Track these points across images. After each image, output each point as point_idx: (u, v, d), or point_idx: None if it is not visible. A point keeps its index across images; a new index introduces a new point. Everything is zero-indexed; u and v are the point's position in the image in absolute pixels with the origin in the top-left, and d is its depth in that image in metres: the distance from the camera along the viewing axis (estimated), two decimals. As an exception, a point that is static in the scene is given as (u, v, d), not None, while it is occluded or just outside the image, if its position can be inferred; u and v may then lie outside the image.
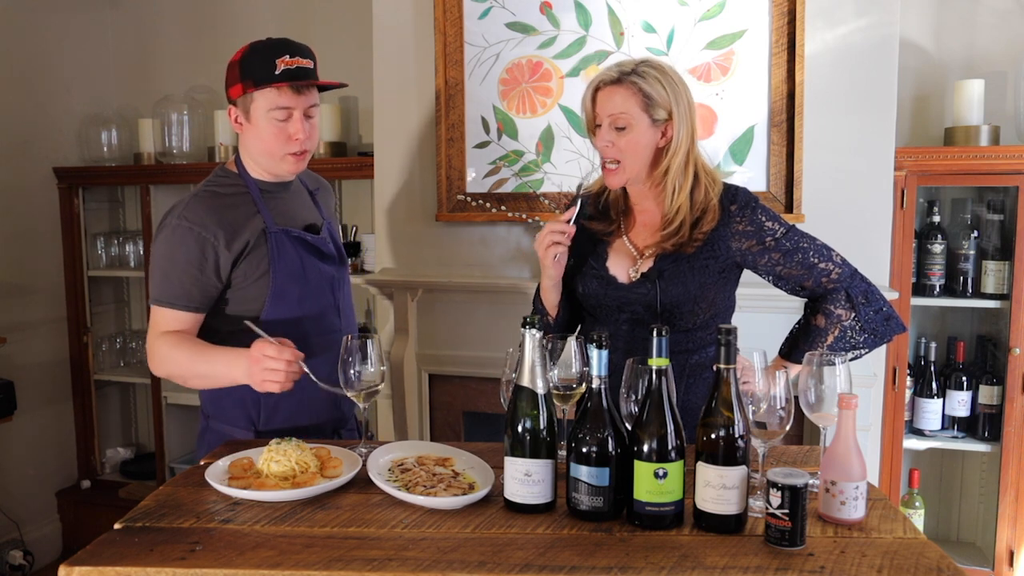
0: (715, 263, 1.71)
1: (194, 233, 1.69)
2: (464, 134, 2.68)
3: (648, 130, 1.66)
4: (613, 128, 1.66)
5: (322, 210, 1.94)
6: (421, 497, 1.36)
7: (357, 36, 2.98)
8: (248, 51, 1.72)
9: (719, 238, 1.70)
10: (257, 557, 1.19)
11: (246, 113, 1.73)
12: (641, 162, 1.68)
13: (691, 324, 1.72)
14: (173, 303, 1.71)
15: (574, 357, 1.49)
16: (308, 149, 1.77)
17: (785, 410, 1.34)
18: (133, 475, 3.56)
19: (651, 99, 1.64)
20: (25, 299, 3.34)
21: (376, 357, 1.58)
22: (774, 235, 1.70)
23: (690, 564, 1.16)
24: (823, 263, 1.70)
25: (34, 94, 3.35)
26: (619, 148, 1.66)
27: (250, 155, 1.80)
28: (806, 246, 1.70)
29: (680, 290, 1.70)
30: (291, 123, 1.71)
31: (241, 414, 1.81)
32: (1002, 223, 2.54)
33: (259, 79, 1.68)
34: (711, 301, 1.72)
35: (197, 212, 1.71)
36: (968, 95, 2.48)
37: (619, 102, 1.65)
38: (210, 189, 1.78)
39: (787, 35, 2.39)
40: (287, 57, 1.68)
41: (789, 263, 1.70)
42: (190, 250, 1.69)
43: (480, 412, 2.79)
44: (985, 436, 2.56)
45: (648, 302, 1.71)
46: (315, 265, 1.82)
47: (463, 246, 2.73)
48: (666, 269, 1.71)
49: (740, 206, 1.70)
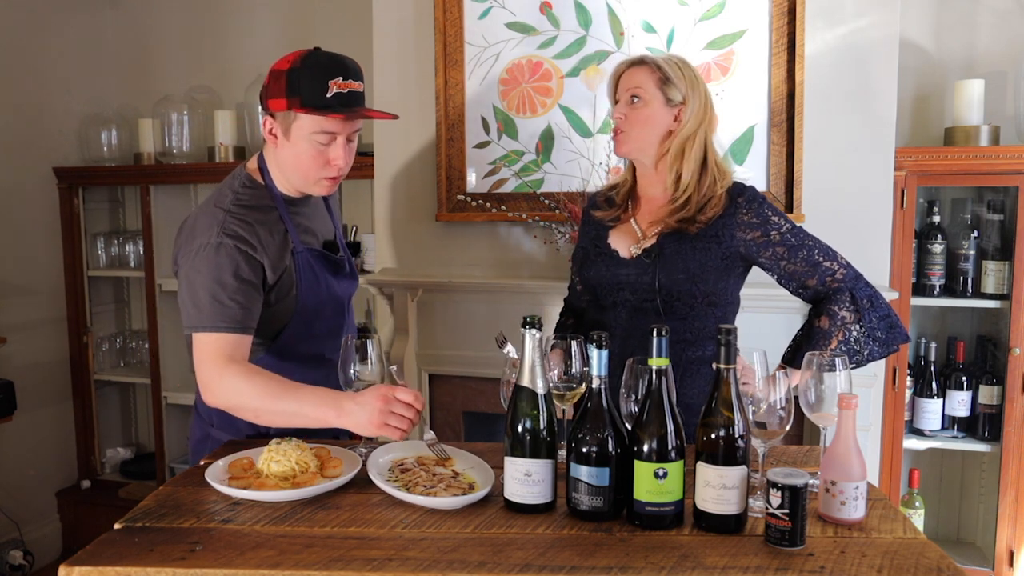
0: (718, 248, 1.72)
1: (242, 252, 1.58)
2: (464, 134, 2.68)
3: (661, 108, 1.74)
4: (629, 101, 1.75)
5: (334, 217, 1.89)
6: (421, 497, 1.36)
7: (357, 36, 2.97)
8: (299, 64, 1.57)
9: (724, 226, 1.72)
10: (257, 557, 1.19)
11: (286, 130, 1.61)
12: (649, 136, 1.74)
13: (689, 310, 1.73)
14: (233, 327, 1.56)
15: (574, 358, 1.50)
16: (343, 175, 1.67)
17: (785, 410, 1.34)
18: (133, 475, 3.56)
19: (668, 79, 1.73)
20: (25, 299, 3.34)
21: (376, 357, 1.58)
22: (779, 229, 1.72)
23: (690, 564, 1.16)
24: (828, 262, 1.71)
25: (34, 94, 3.35)
26: (630, 120, 1.75)
27: (281, 171, 1.68)
28: (811, 244, 1.72)
29: (680, 268, 1.71)
30: (333, 148, 1.61)
31: (247, 424, 1.71)
32: (1002, 223, 2.54)
33: (308, 101, 1.55)
34: (710, 287, 1.73)
35: (238, 230, 1.59)
36: (968, 95, 2.48)
37: (638, 78, 1.75)
38: (243, 204, 1.65)
39: (787, 35, 2.39)
40: (340, 80, 1.56)
41: (794, 259, 1.71)
42: (241, 268, 1.57)
43: (480, 412, 2.79)
44: (985, 436, 2.56)
45: (647, 281, 1.73)
46: (334, 284, 1.76)
47: (463, 246, 2.73)
48: (667, 247, 1.73)
49: (747, 199, 1.74)
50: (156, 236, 3.29)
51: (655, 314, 1.72)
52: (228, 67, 3.39)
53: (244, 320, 1.57)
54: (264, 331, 1.66)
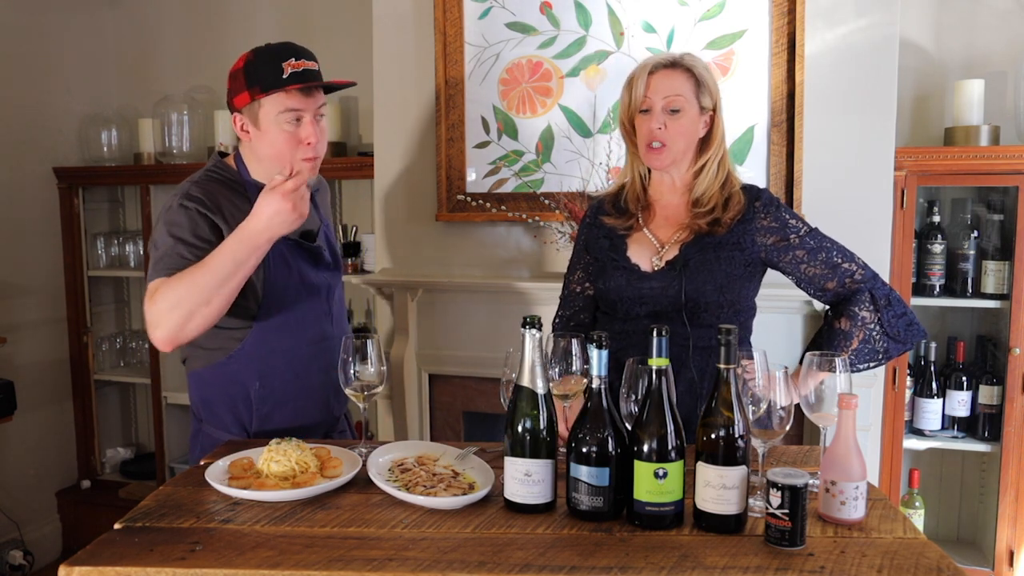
0: (741, 255, 1.71)
1: (201, 214, 1.66)
2: (464, 134, 2.68)
3: (697, 116, 1.72)
4: (667, 111, 1.70)
5: (320, 212, 1.92)
6: (421, 497, 1.36)
7: (357, 36, 2.98)
8: (251, 58, 1.69)
9: (744, 232, 1.72)
10: (257, 557, 1.19)
11: (254, 120, 1.69)
12: (686, 146, 1.73)
13: (715, 319, 1.70)
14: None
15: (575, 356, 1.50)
16: (319, 155, 1.73)
17: (785, 410, 1.34)
18: (133, 475, 3.56)
19: (703, 85, 1.71)
20: (25, 299, 3.34)
21: (376, 357, 1.58)
22: (798, 232, 1.72)
23: (690, 564, 1.16)
24: (846, 263, 1.70)
25: (34, 94, 3.35)
26: (671, 132, 1.70)
27: (259, 162, 1.76)
28: (829, 246, 1.72)
29: (706, 278, 1.69)
30: (302, 127, 1.68)
31: (232, 419, 1.80)
32: (1002, 223, 2.54)
33: (267, 85, 1.65)
34: (736, 295, 1.72)
35: (199, 195, 1.68)
36: (968, 95, 2.48)
37: (676, 84, 1.70)
38: (210, 176, 1.75)
39: (787, 35, 2.39)
40: (293, 60, 1.65)
41: (814, 261, 1.70)
42: (198, 227, 1.64)
43: (480, 412, 2.79)
44: (985, 436, 2.56)
45: (672, 293, 1.70)
46: (310, 272, 1.80)
47: (463, 246, 2.73)
48: (692, 258, 1.71)
49: (764, 203, 1.74)
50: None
51: (680, 325, 1.69)
52: (228, 67, 3.35)
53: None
54: (238, 312, 1.69)
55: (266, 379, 1.77)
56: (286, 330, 1.77)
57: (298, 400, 1.81)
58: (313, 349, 1.80)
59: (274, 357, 1.77)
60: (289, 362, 1.78)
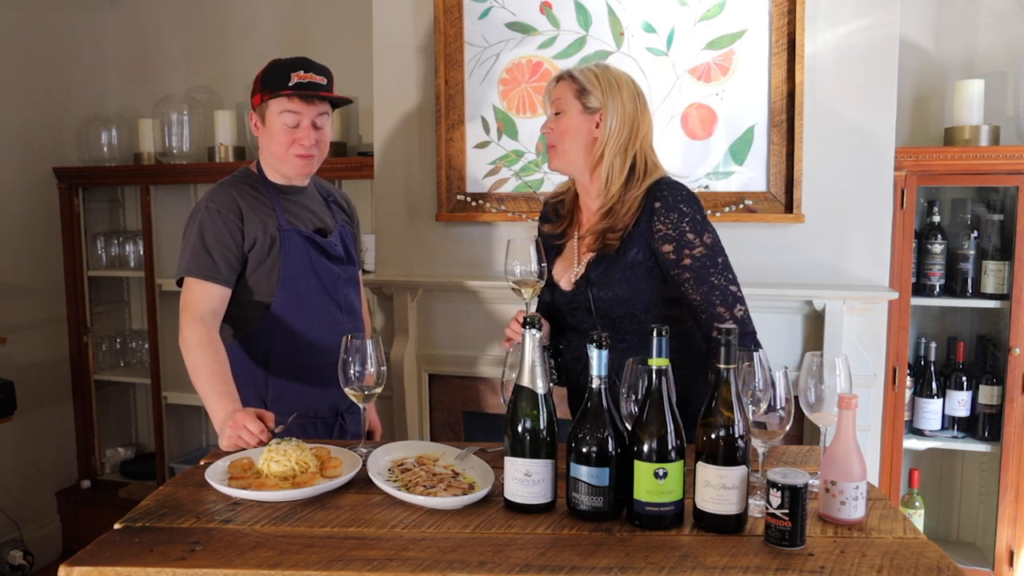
0: (642, 263, 1.70)
1: (221, 215, 1.90)
2: (464, 134, 2.68)
3: (579, 116, 1.75)
4: (553, 114, 1.79)
5: (336, 216, 2.10)
6: (421, 497, 1.36)
7: (357, 36, 2.98)
8: (270, 66, 1.95)
9: (639, 236, 1.70)
10: (257, 557, 1.19)
11: (263, 118, 1.95)
12: (574, 146, 1.75)
13: (638, 325, 1.71)
14: (207, 275, 1.87)
15: (532, 257, 1.64)
16: (314, 154, 1.95)
17: (785, 410, 1.34)
18: (133, 475, 3.56)
19: (583, 88, 1.74)
20: (25, 299, 3.34)
21: (376, 357, 1.59)
22: (692, 250, 1.67)
23: (690, 564, 1.16)
24: (722, 308, 1.66)
25: (34, 94, 3.35)
26: (555, 132, 1.77)
27: (264, 158, 2.00)
28: (715, 282, 1.67)
29: (609, 295, 1.72)
30: (300, 130, 1.92)
31: (253, 393, 1.94)
32: (1002, 223, 2.54)
33: (273, 89, 1.90)
34: (651, 300, 1.71)
35: (221, 198, 1.92)
36: (968, 95, 2.48)
37: (558, 92, 1.78)
38: (233, 182, 1.98)
39: (787, 35, 2.39)
40: (301, 72, 1.90)
41: (696, 290, 1.67)
42: (219, 230, 1.88)
43: (480, 412, 2.79)
44: (985, 436, 2.56)
45: (588, 308, 1.75)
46: (322, 263, 1.99)
47: (463, 246, 2.73)
48: (593, 274, 1.74)
49: (665, 206, 1.68)
50: (156, 236, 3.29)
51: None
52: (228, 67, 3.39)
53: (217, 271, 1.87)
54: (259, 298, 1.94)
55: (278, 358, 1.96)
56: (299, 314, 1.96)
57: (311, 379, 1.97)
58: (325, 332, 1.96)
59: (285, 338, 1.95)
60: (299, 344, 1.96)
